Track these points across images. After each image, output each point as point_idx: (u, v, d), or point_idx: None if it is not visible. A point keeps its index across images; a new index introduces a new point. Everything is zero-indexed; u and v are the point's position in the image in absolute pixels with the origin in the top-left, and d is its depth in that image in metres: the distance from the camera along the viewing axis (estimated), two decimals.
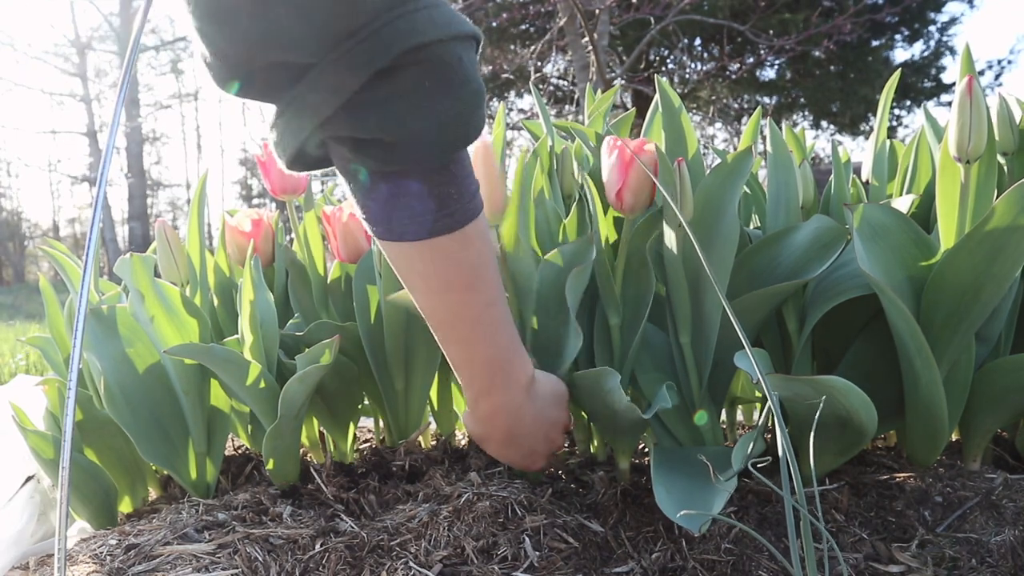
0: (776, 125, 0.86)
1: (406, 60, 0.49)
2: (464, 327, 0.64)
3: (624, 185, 0.72)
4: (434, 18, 0.50)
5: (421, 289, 0.63)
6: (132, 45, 0.57)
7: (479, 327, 0.64)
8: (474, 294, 0.62)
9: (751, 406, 0.99)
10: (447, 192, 0.56)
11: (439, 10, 0.50)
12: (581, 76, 5.48)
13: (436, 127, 0.52)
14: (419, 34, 0.49)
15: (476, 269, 0.61)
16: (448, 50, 0.50)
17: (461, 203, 0.57)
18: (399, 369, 0.88)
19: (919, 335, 0.66)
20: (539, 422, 0.70)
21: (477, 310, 0.63)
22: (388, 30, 0.48)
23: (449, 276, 0.60)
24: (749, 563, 0.61)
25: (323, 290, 0.94)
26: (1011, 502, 0.65)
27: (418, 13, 0.49)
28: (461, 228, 0.58)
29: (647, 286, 0.77)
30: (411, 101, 0.51)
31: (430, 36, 0.49)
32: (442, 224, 0.57)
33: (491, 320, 0.64)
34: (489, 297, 0.63)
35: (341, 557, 0.62)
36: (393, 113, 0.51)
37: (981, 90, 0.67)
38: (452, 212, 0.57)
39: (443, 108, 0.52)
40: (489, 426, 0.69)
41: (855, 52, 8.60)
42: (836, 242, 0.74)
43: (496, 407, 0.68)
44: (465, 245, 0.59)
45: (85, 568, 0.63)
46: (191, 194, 0.90)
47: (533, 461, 0.73)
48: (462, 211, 0.58)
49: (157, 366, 0.84)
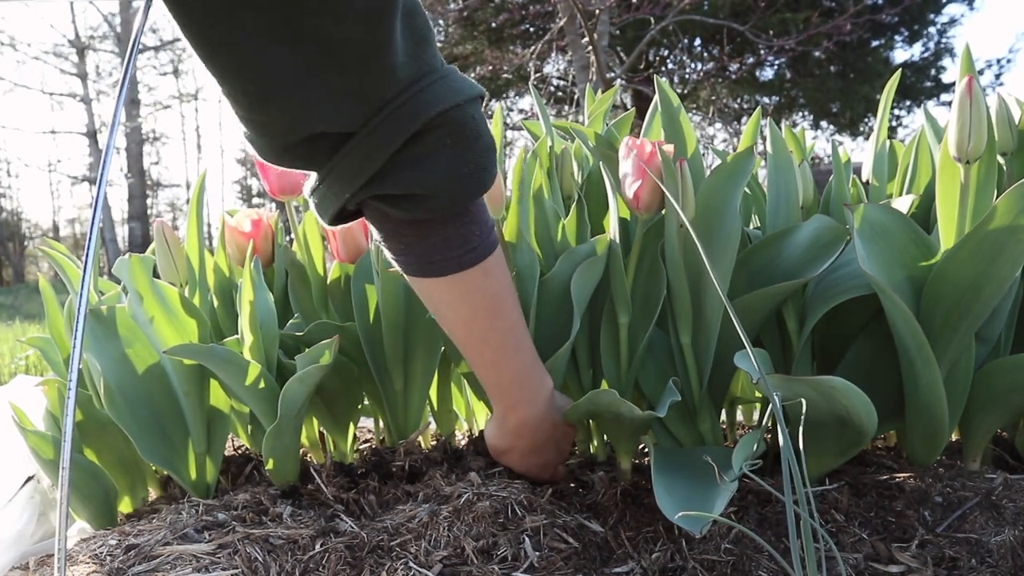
0: (776, 125, 0.86)
1: (432, 124, 0.57)
2: (490, 350, 0.70)
3: (643, 184, 0.72)
4: (450, 86, 0.57)
5: (450, 318, 0.70)
6: (132, 45, 0.57)
7: (504, 349, 0.70)
8: (497, 319, 0.69)
9: (751, 406, 0.99)
10: (470, 231, 0.64)
11: (452, 78, 0.58)
12: (581, 76, 5.48)
13: (459, 179, 0.60)
14: (439, 103, 0.56)
15: (498, 296, 0.68)
16: (463, 112, 0.58)
17: (482, 239, 0.65)
18: (398, 369, 0.88)
19: (920, 335, 0.66)
20: (557, 434, 0.75)
21: (501, 334, 0.70)
22: (414, 102, 0.56)
23: (475, 304, 0.68)
24: (749, 563, 0.61)
25: (323, 290, 0.94)
26: (1011, 502, 0.65)
27: (437, 84, 0.57)
28: (483, 261, 0.66)
29: (658, 287, 0.77)
30: (436, 160, 0.58)
31: (448, 103, 0.57)
32: (467, 259, 0.65)
33: (514, 341, 0.70)
34: (511, 321, 0.70)
35: (341, 557, 0.62)
36: (423, 171, 0.58)
37: (981, 90, 0.67)
38: (475, 248, 0.65)
39: (463, 162, 0.59)
40: (515, 438, 0.75)
41: (855, 52, 8.61)
42: (836, 242, 0.74)
43: (523, 420, 0.73)
44: (486, 275, 0.67)
45: (85, 568, 0.63)
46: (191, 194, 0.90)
47: (546, 470, 0.78)
48: (483, 246, 0.65)
49: (157, 366, 0.84)
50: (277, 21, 0.50)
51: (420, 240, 0.64)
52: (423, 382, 0.90)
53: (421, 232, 0.63)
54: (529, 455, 0.76)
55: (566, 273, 0.80)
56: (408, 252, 0.65)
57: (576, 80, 5.69)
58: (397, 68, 0.55)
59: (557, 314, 0.81)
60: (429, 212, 0.61)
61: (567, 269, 0.80)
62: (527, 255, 0.82)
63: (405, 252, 0.65)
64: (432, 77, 0.57)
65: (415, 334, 0.87)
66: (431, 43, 0.58)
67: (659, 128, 0.84)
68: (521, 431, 0.74)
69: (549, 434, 0.75)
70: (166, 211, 21.47)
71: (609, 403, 0.69)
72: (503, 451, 0.77)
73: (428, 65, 0.57)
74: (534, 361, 0.73)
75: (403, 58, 0.55)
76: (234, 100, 0.55)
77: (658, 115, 0.84)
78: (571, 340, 0.77)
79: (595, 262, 0.78)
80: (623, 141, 0.75)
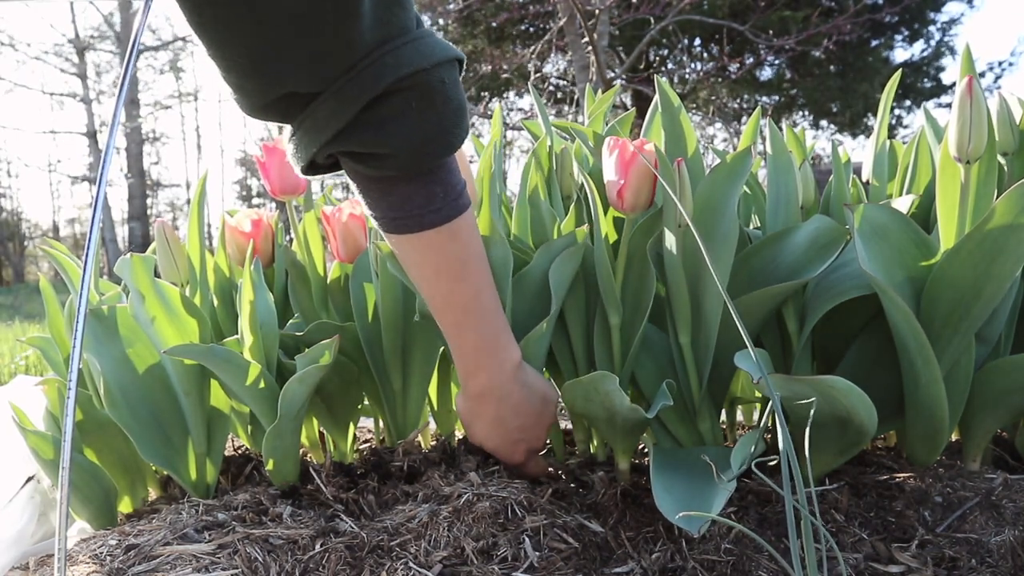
0: (776, 125, 0.86)
1: (396, 87, 0.59)
2: (455, 313, 0.72)
3: (625, 184, 0.72)
4: (419, 49, 0.59)
5: (416, 277, 0.72)
6: (132, 45, 0.57)
7: (469, 313, 0.72)
8: (462, 283, 0.71)
9: (751, 406, 0.99)
10: (433, 191, 0.66)
11: (424, 41, 0.60)
12: (581, 76, 5.48)
13: (422, 140, 0.62)
14: (405, 66, 0.58)
15: (463, 260, 0.70)
16: (432, 75, 0.60)
17: (447, 201, 0.67)
18: (396, 368, 0.88)
19: (920, 334, 0.66)
20: (524, 408, 0.75)
21: (466, 298, 0.71)
22: (378, 65, 0.58)
23: (439, 266, 0.70)
24: (749, 563, 0.61)
25: (323, 290, 0.94)
26: (1011, 502, 0.65)
27: (405, 47, 0.59)
28: (448, 223, 0.67)
29: (648, 286, 0.77)
30: (400, 121, 0.60)
31: (415, 66, 0.59)
32: (430, 219, 0.67)
33: (480, 307, 0.72)
34: (477, 287, 0.71)
35: (341, 557, 0.62)
36: (385, 131, 0.61)
37: (981, 90, 0.67)
38: (439, 209, 0.67)
39: (428, 124, 0.61)
40: (478, 405, 0.76)
41: (855, 52, 8.61)
42: (836, 242, 0.74)
43: (484, 386, 0.75)
44: (452, 238, 0.68)
45: (85, 568, 0.63)
46: (191, 194, 0.91)
47: (515, 452, 0.77)
48: (448, 208, 0.67)
49: (157, 366, 0.84)
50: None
51: (385, 196, 0.67)
52: (421, 381, 0.90)
53: (386, 188, 0.66)
54: (494, 426, 0.76)
55: (543, 267, 0.80)
56: (375, 206, 0.68)
57: (576, 80, 5.69)
58: (364, 31, 0.56)
59: (535, 307, 0.82)
60: (392, 170, 0.64)
61: (544, 263, 0.81)
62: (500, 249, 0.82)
63: (373, 206, 0.68)
64: (402, 40, 0.59)
65: (413, 333, 0.87)
66: (404, 5, 0.59)
67: (659, 128, 0.84)
68: (483, 398, 0.75)
69: (515, 408, 0.75)
70: (166, 211, 21.47)
71: (608, 391, 0.68)
72: (469, 421, 0.78)
73: (399, 27, 0.59)
74: (502, 330, 0.74)
75: (371, 21, 0.57)
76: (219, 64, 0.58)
77: (659, 115, 0.84)
78: (549, 319, 0.77)
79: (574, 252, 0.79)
80: (605, 141, 0.75)
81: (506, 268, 0.81)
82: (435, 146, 0.63)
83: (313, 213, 0.94)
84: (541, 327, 0.77)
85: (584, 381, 0.70)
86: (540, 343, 0.79)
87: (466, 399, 0.77)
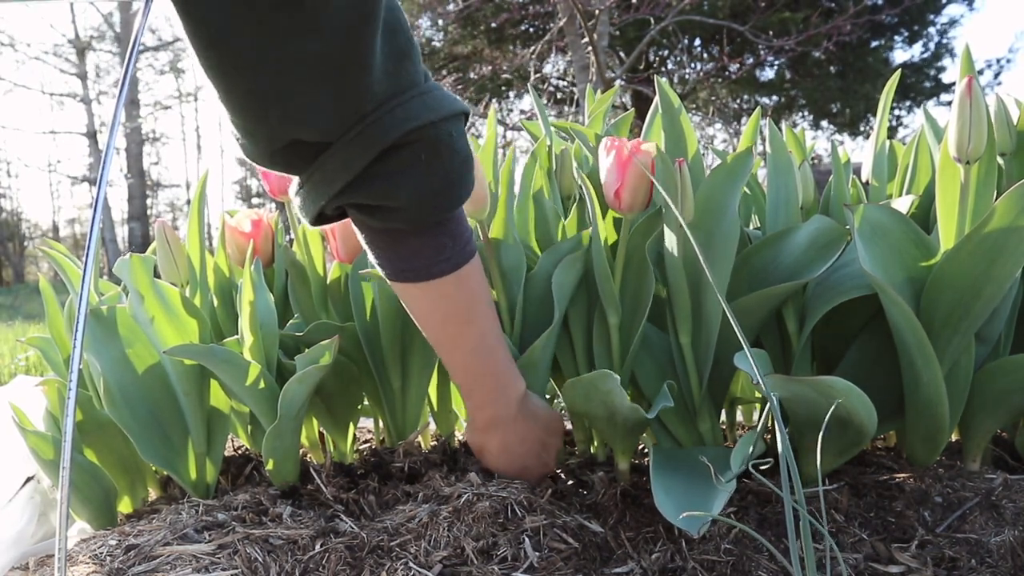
0: (776, 125, 0.86)
1: (405, 140, 0.59)
2: (461, 353, 0.74)
3: (622, 185, 0.72)
4: (428, 103, 0.59)
5: (424, 323, 0.73)
6: (132, 45, 0.57)
7: (476, 354, 0.73)
8: (470, 327, 0.72)
9: (751, 406, 0.99)
10: (443, 243, 0.67)
11: (432, 95, 0.60)
12: (581, 76, 5.48)
13: (430, 193, 0.62)
14: (415, 119, 0.58)
15: (471, 305, 0.71)
16: (440, 129, 0.60)
17: (455, 250, 0.67)
18: (396, 367, 0.88)
19: (921, 333, 0.66)
20: (530, 438, 0.76)
21: (474, 340, 0.72)
22: (389, 117, 0.58)
23: (447, 312, 0.71)
24: (749, 563, 0.61)
25: (323, 290, 0.94)
26: (1011, 502, 0.65)
27: (414, 100, 0.59)
28: (455, 271, 0.68)
29: (647, 286, 0.77)
30: (409, 173, 0.60)
31: (424, 119, 0.58)
32: (438, 269, 0.67)
33: (486, 347, 0.73)
34: (483, 329, 0.72)
35: (341, 557, 0.62)
36: (394, 184, 0.60)
37: (981, 91, 0.67)
38: (448, 258, 0.67)
39: (436, 177, 0.61)
40: (486, 436, 0.77)
41: (855, 52, 8.61)
42: (836, 242, 0.74)
43: (490, 420, 0.75)
44: (459, 286, 0.69)
45: (85, 568, 0.63)
46: (191, 194, 0.91)
47: (525, 476, 0.78)
48: (456, 257, 0.68)
49: (157, 367, 0.84)
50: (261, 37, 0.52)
51: (394, 248, 0.67)
52: (421, 381, 0.90)
53: (394, 241, 0.67)
54: (502, 455, 0.77)
55: (549, 269, 0.81)
56: (383, 257, 0.69)
57: (576, 80, 5.69)
58: (374, 84, 0.57)
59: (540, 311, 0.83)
60: (401, 223, 0.64)
61: (549, 265, 0.81)
62: (514, 253, 0.82)
63: (380, 257, 0.69)
64: (411, 93, 0.59)
65: (412, 333, 0.87)
66: (414, 60, 0.60)
67: (660, 129, 0.84)
68: (490, 430, 0.76)
69: (521, 436, 0.76)
70: (166, 211, 21.47)
71: (608, 391, 0.68)
72: (478, 450, 0.79)
73: (408, 81, 0.59)
74: (506, 364, 0.75)
75: (381, 74, 0.57)
76: (228, 108, 0.57)
77: (659, 116, 0.84)
78: (551, 329, 0.78)
79: (576, 259, 0.80)
80: (602, 142, 0.75)
81: (519, 272, 0.82)
82: (443, 199, 0.63)
83: None
84: (544, 338, 0.78)
85: (584, 380, 0.70)
86: (544, 353, 0.79)
87: (473, 431, 0.78)
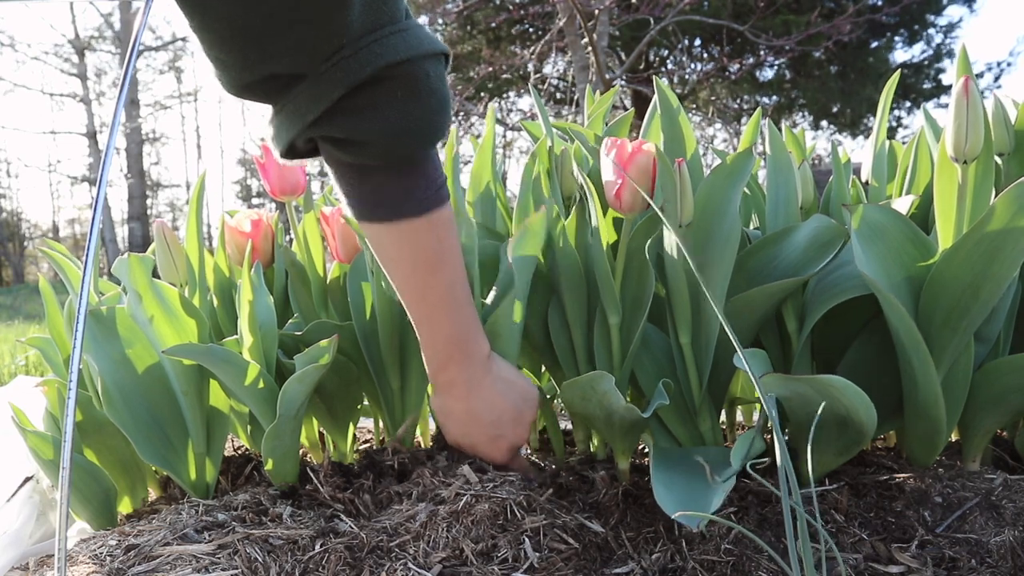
0: (776, 125, 0.86)
1: (380, 75, 0.58)
2: (427, 306, 0.72)
3: (623, 184, 0.72)
4: (406, 40, 0.59)
5: (391, 268, 0.72)
6: (132, 45, 0.57)
7: (441, 306, 0.72)
8: (437, 276, 0.70)
9: (751, 406, 0.99)
10: (415, 182, 0.66)
11: (411, 32, 0.59)
12: (581, 77, 5.48)
13: (403, 130, 0.61)
14: (391, 55, 0.58)
15: (439, 253, 0.69)
16: (417, 67, 0.60)
17: (426, 193, 0.67)
18: (394, 368, 0.88)
19: (915, 333, 0.66)
20: (498, 402, 0.74)
21: (440, 290, 0.71)
22: (365, 52, 0.58)
23: (415, 257, 0.69)
24: (749, 563, 0.61)
25: (322, 290, 0.94)
26: (1011, 502, 0.65)
27: (392, 36, 0.58)
28: (426, 214, 0.67)
29: (647, 286, 0.77)
30: (383, 109, 0.60)
31: (401, 56, 0.58)
32: (408, 208, 0.66)
33: (452, 300, 0.72)
34: (450, 279, 0.71)
35: (341, 558, 0.62)
36: (366, 119, 0.60)
37: (978, 91, 0.67)
38: (419, 200, 0.66)
39: (411, 115, 0.61)
40: (448, 397, 0.75)
41: (855, 53, 8.61)
42: (835, 241, 0.74)
43: (454, 377, 0.74)
44: (429, 230, 0.68)
45: (85, 568, 0.63)
46: (190, 194, 0.90)
47: (495, 449, 0.76)
48: (427, 200, 0.67)
49: (156, 367, 0.84)
50: None
51: (362, 183, 0.66)
52: (420, 381, 0.90)
53: (364, 176, 0.66)
54: (468, 421, 0.75)
55: None
56: (353, 195, 0.68)
57: (576, 81, 5.69)
58: (352, 18, 0.56)
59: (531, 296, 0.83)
60: (371, 158, 0.64)
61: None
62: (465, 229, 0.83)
63: (350, 195, 0.68)
64: (389, 29, 0.58)
65: (410, 332, 0.87)
66: None
67: (658, 129, 0.84)
68: (453, 392, 0.74)
69: (490, 403, 0.74)
70: (166, 211, 21.47)
71: (605, 391, 0.68)
72: (443, 419, 0.77)
73: (388, 17, 0.59)
74: (471, 323, 0.73)
75: (360, 8, 0.57)
76: (201, 38, 0.57)
77: (657, 116, 0.84)
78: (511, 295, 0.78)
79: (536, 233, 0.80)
80: (603, 142, 0.75)
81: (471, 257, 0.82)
82: (416, 137, 0.63)
83: (313, 213, 0.94)
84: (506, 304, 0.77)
85: (581, 381, 0.70)
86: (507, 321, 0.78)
87: (437, 394, 0.77)
